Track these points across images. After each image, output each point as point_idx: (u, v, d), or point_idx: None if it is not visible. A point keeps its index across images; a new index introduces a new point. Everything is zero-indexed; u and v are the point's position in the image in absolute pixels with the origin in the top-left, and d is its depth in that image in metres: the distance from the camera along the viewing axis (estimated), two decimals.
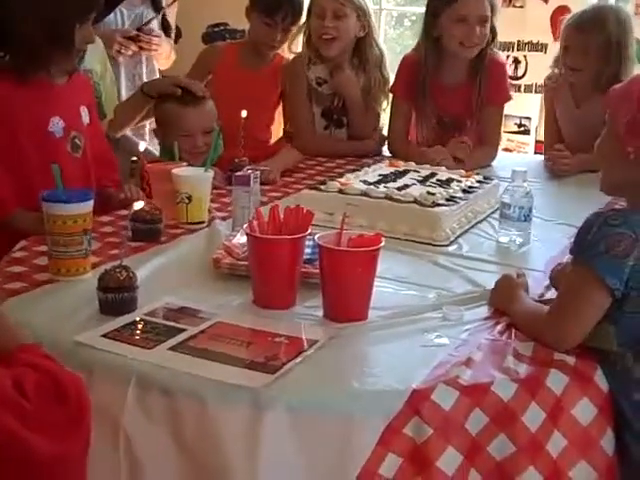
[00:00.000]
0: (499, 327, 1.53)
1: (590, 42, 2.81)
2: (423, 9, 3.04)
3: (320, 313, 1.58)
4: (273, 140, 3.22)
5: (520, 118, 4.11)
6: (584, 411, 1.37)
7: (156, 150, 2.76)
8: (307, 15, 3.09)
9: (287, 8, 3.02)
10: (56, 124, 2.18)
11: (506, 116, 4.04)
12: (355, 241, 1.56)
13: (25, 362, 1.10)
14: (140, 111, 2.77)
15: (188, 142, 2.47)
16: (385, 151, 3.13)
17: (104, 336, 1.44)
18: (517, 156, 3.80)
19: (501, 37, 4.12)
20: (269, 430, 1.27)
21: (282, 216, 1.63)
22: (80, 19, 2.11)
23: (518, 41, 4.15)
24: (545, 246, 2.07)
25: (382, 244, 1.55)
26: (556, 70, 3.03)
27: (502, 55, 3.23)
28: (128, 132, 2.94)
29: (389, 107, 3.15)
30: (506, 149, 4.09)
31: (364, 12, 3.02)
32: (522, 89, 4.16)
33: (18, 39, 2.06)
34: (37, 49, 2.06)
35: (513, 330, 1.51)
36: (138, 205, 1.70)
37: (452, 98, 2.99)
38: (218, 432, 1.28)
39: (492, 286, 1.69)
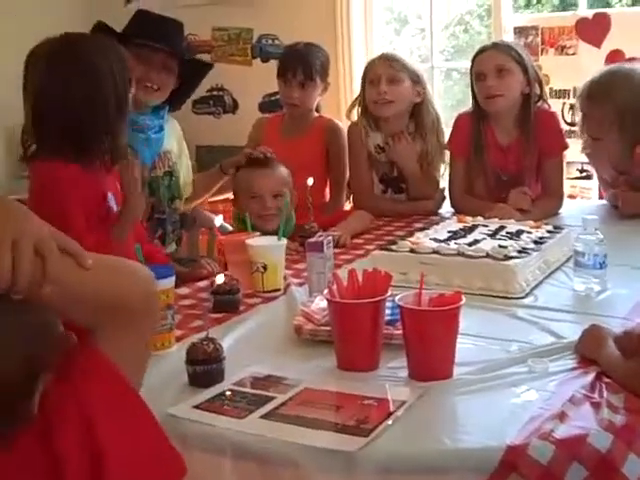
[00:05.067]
0: (588, 378, 1.52)
1: (601, 113, 2.80)
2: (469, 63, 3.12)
3: (404, 373, 1.59)
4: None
5: (582, 164, 4.10)
6: None
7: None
8: (362, 84, 3.17)
9: (297, 64, 3.17)
10: (111, 199, 2.20)
11: (568, 163, 4.06)
12: (436, 300, 1.58)
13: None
14: (213, 186, 2.90)
15: (258, 204, 2.58)
16: (443, 209, 3.17)
17: (196, 407, 1.47)
18: (583, 202, 3.79)
19: (556, 85, 4.21)
20: None
21: (361, 279, 1.66)
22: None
23: (574, 87, 4.17)
24: (623, 292, 2.05)
25: (463, 302, 1.56)
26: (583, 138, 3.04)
27: (553, 105, 3.27)
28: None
29: (448, 165, 3.19)
30: (570, 195, 4.08)
31: (419, 78, 3.09)
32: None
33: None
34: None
35: (604, 381, 1.50)
36: (220, 279, 1.74)
37: (508, 156, 3.05)
38: None
39: (573, 336, 1.69)
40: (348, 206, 3.31)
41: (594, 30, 4.19)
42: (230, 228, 2.67)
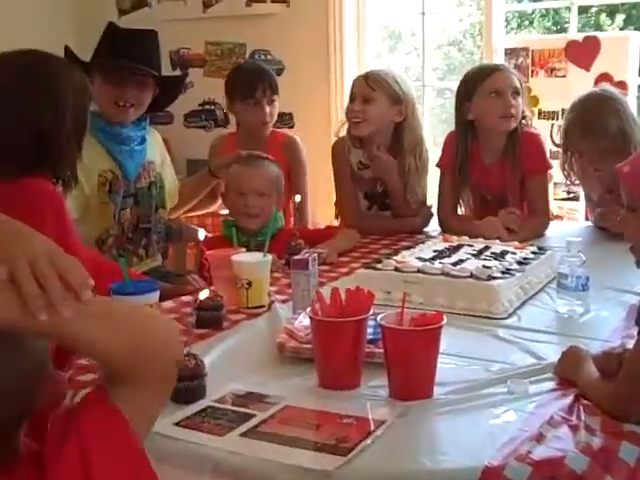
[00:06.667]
0: (567, 400, 1.52)
1: (599, 146, 2.82)
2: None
3: (385, 392, 1.59)
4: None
5: (569, 185, 4.12)
6: None
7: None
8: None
9: (263, 82, 3.22)
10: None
11: (555, 184, 4.08)
12: (417, 320, 1.59)
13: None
14: (202, 190, 2.91)
15: (241, 201, 2.63)
16: (430, 227, 3.18)
17: (177, 424, 1.47)
18: (568, 224, 3.80)
19: (545, 106, 4.24)
20: None
21: (344, 298, 1.67)
22: None
23: (562, 109, 4.19)
24: (605, 314, 2.07)
25: (444, 322, 1.57)
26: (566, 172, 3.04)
27: (542, 126, 3.30)
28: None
29: (437, 182, 3.21)
30: (557, 216, 4.10)
31: (398, 98, 3.05)
32: None
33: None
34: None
35: (582, 403, 1.51)
36: (204, 294, 1.74)
37: (492, 176, 3.06)
38: None
39: (554, 357, 1.70)
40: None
41: (584, 53, 4.23)
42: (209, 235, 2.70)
